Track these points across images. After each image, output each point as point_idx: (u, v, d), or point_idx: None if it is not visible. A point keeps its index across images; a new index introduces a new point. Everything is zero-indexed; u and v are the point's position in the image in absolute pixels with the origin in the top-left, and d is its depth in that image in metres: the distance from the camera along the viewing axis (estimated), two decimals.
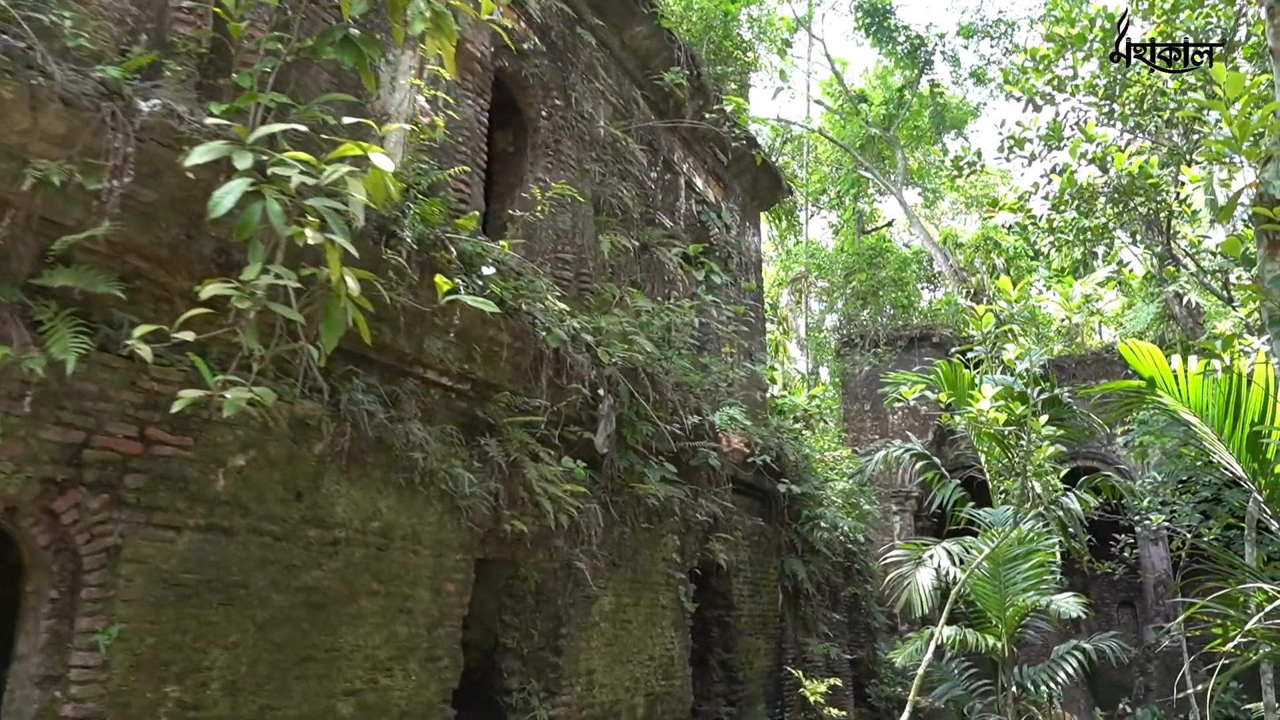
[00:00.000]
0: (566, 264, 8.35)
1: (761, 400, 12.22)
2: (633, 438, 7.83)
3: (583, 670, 7.41)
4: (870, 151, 20.90)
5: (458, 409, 6.55)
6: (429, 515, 5.93)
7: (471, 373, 6.50)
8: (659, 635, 8.60)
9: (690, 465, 9.06)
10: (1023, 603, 7.41)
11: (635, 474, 8.03)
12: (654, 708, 8.38)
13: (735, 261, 12.10)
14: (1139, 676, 18.93)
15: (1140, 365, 5.94)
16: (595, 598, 7.66)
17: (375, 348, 5.71)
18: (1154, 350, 5.83)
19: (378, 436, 5.57)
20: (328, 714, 5.05)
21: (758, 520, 11.43)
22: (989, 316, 5.65)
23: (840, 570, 14.43)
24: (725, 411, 7.98)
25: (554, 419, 7.33)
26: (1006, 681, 7.90)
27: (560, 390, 7.17)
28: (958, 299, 17.48)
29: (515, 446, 6.63)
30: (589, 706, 7.43)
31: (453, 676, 6.03)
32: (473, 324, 6.33)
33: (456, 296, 5.24)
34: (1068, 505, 9.90)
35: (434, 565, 5.94)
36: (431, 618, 5.87)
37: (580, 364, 7.30)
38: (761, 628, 11.19)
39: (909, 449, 10.98)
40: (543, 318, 6.91)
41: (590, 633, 7.57)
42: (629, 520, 8.04)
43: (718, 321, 10.11)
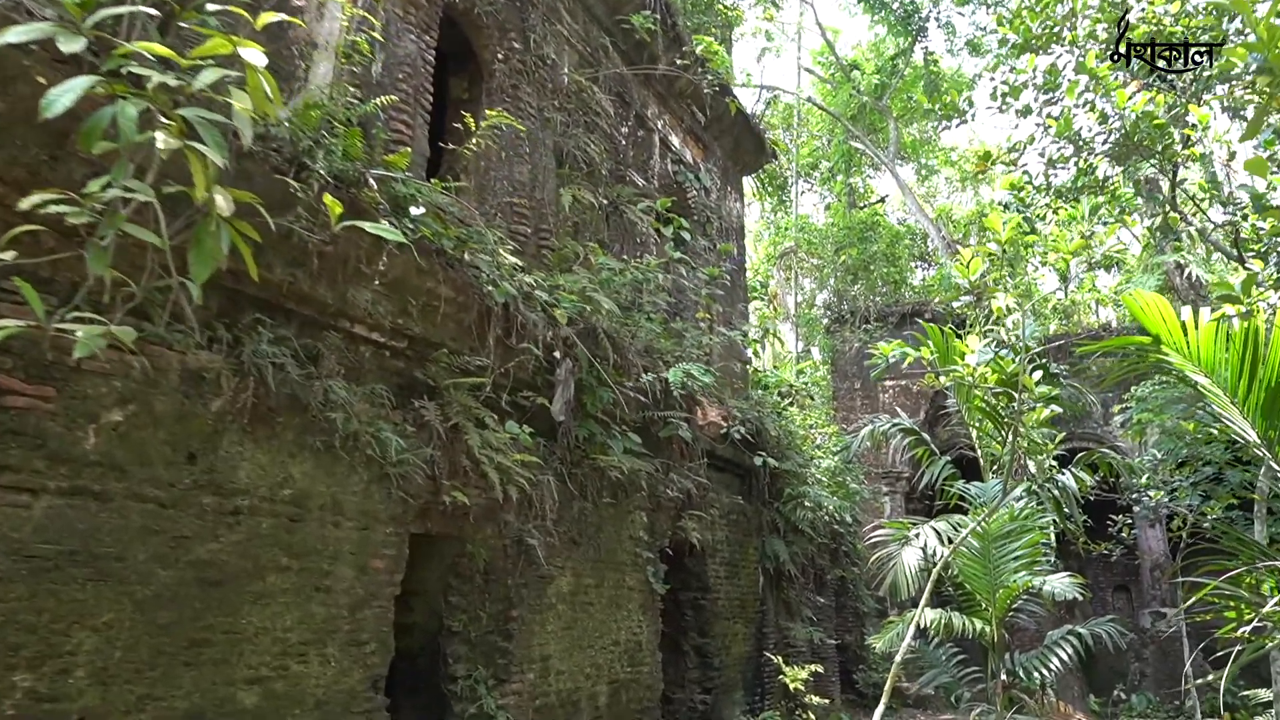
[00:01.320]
0: (523, 218, 7.72)
1: (742, 372, 11.62)
2: (593, 405, 7.22)
3: (536, 656, 6.83)
4: (862, 123, 20.23)
5: (393, 369, 5.95)
6: (352, 483, 5.33)
7: (407, 329, 5.88)
8: (625, 619, 8.03)
9: (659, 437, 8.47)
10: (1014, 584, 6.84)
11: (597, 445, 7.44)
12: (619, 696, 7.81)
13: (715, 227, 11.48)
14: (1134, 662, 18.46)
15: (1146, 318, 5.34)
16: (551, 578, 7.07)
17: (291, 296, 5.11)
18: (1161, 302, 5.23)
19: (290, 394, 4.96)
20: (226, 704, 4.45)
21: (736, 498, 10.85)
22: (976, 262, 5.06)
23: (826, 552, 13.88)
24: (682, 368, 7.37)
25: (505, 384, 6.73)
26: (996, 668, 7.33)
27: (510, 351, 6.57)
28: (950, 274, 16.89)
29: (456, 411, 6.02)
30: (543, 695, 6.86)
31: (381, 662, 5.44)
32: (407, 274, 5.72)
33: (354, 223, 4.59)
34: (1063, 483, 9.35)
35: (359, 539, 5.34)
36: (355, 597, 5.27)
37: (533, 323, 6.70)
38: (740, 611, 10.62)
39: (897, 424, 10.41)
40: (489, 270, 6.29)
41: (545, 615, 6.99)
42: (590, 495, 7.45)
43: (692, 287, 9.48)
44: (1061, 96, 8.31)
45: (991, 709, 7.40)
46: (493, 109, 7.83)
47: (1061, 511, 9.49)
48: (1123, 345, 5.39)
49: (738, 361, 11.52)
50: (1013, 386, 4.91)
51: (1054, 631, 8.76)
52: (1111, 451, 10.54)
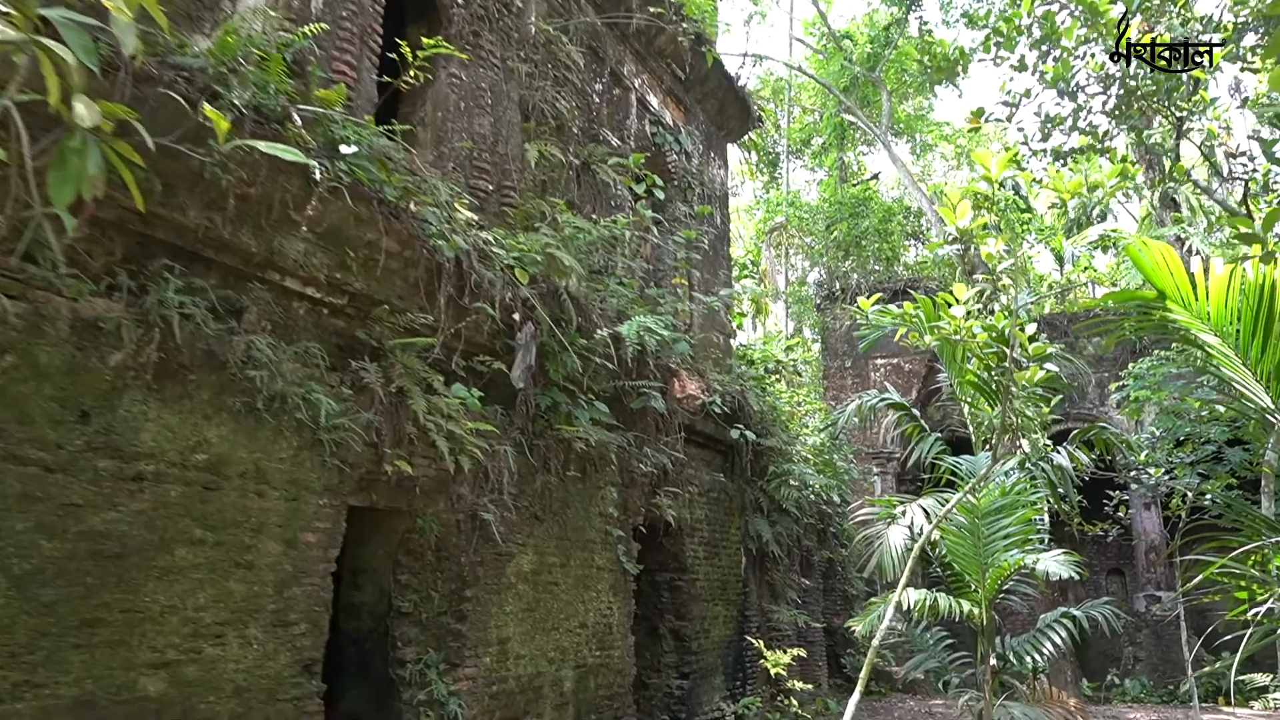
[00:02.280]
0: (484, 173, 7.22)
1: (724, 344, 11.15)
2: (556, 372, 6.75)
3: (493, 639, 6.38)
4: (854, 95, 19.67)
5: (332, 328, 5.47)
6: (279, 450, 4.85)
7: (347, 284, 5.40)
8: (594, 600, 7.59)
9: (631, 409, 8.01)
10: (1005, 563, 6.39)
11: (561, 415, 6.97)
12: (586, 681, 7.38)
13: (697, 194, 10.98)
14: (1128, 646, 18.11)
15: (1150, 271, 4.86)
16: (510, 556, 6.62)
17: (210, 243, 4.63)
18: (1168, 252, 4.76)
19: (206, 350, 4.49)
20: (124, 691, 3.99)
21: (717, 475, 10.39)
22: (965, 206, 4.58)
23: (813, 533, 13.46)
24: (639, 322, 6.88)
25: (459, 347, 6.26)
26: (985, 652, 6.90)
27: (463, 312, 6.09)
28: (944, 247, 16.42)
29: (400, 373, 5.55)
30: (501, 680, 6.41)
31: (313, 645, 4.99)
32: (343, 223, 5.23)
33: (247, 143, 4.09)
34: (1057, 461, 8.90)
35: (287, 510, 4.87)
36: (283, 574, 4.81)
37: (489, 282, 6.22)
38: (720, 593, 10.19)
39: (885, 399, 9.94)
40: (438, 223, 5.80)
41: (504, 596, 6.54)
42: (554, 468, 6.99)
43: (670, 252, 8.99)
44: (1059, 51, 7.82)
45: (980, 695, 6.97)
46: (451, 57, 7.32)
47: (1056, 492, 9.06)
48: (1126, 300, 4.92)
49: (719, 333, 11.05)
50: (1004, 343, 4.45)
51: (1047, 614, 8.32)
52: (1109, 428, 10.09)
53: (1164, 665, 17.93)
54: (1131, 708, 15.73)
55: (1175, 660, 17.76)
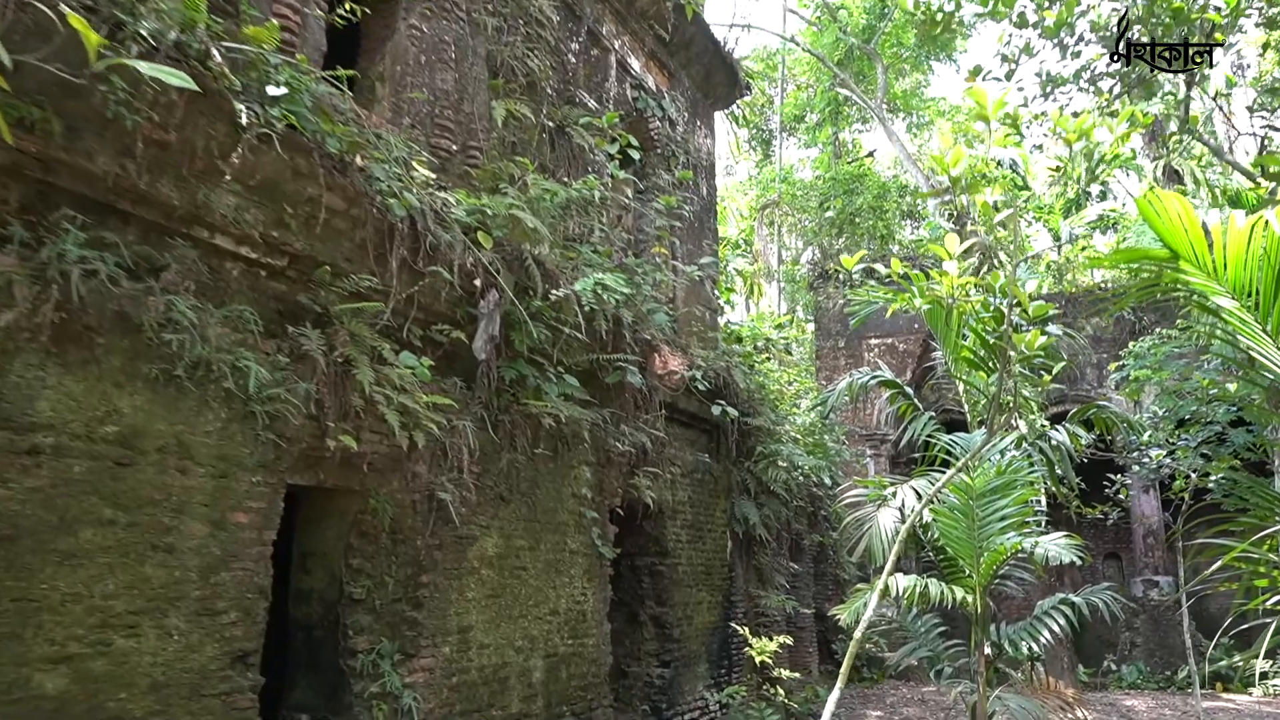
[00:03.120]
0: (447, 131, 6.76)
1: (710, 319, 10.71)
2: (522, 343, 6.32)
3: (453, 627, 5.97)
4: (849, 69, 19.15)
5: (271, 291, 5.02)
6: (204, 422, 4.42)
7: (286, 244, 4.95)
8: (566, 585, 7.18)
9: (608, 385, 7.58)
10: (1001, 547, 5.99)
11: (529, 389, 6.54)
12: (557, 671, 6.98)
13: (681, 162, 10.52)
14: (1125, 632, 17.78)
15: (1162, 227, 4.43)
16: (472, 538, 6.20)
17: (125, 194, 4.18)
18: (1183, 205, 4.32)
19: (118, 311, 4.05)
20: (16, 689, 3.57)
21: (702, 456, 9.98)
22: (958, 152, 4.13)
23: (804, 516, 13.07)
24: (596, 278, 6.43)
25: (416, 315, 5.83)
26: (980, 640, 6.51)
27: (418, 277, 5.65)
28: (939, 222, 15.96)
29: (345, 341, 5.11)
30: (462, 671, 6.01)
31: (246, 635, 4.57)
32: (279, 175, 4.78)
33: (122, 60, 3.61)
34: (1056, 440, 8.50)
35: (214, 488, 4.44)
36: (209, 558, 4.39)
37: (447, 244, 5.77)
38: (704, 578, 9.79)
39: (876, 376, 9.53)
40: (388, 180, 5.35)
41: (465, 581, 6.12)
42: (521, 445, 6.57)
43: (651, 220, 8.52)
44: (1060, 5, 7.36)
45: (973, 686, 6.58)
46: (412, 8, 6.85)
47: (1054, 474, 8.68)
48: (1134, 260, 4.48)
49: (705, 308, 10.61)
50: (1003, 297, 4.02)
51: (1044, 600, 7.93)
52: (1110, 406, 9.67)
53: (1161, 651, 17.61)
54: (1128, 694, 15.41)
55: (1172, 646, 17.45)
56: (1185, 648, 15.81)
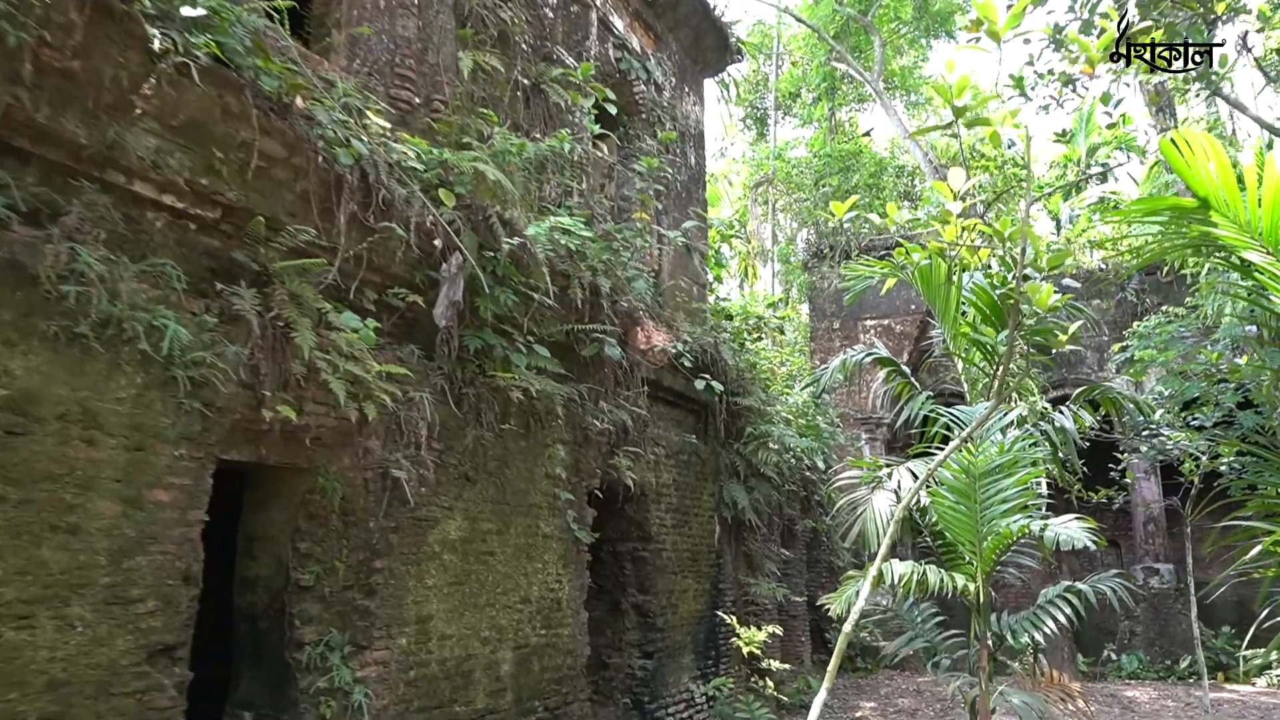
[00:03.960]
0: (408, 83, 6.25)
1: (698, 294, 10.22)
2: (487, 310, 5.83)
3: (411, 617, 5.50)
4: (846, 43, 18.60)
5: (203, 246, 4.53)
6: (116, 387, 3.93)
7: (218, 193, 4.46)
8: (539, 572, 6.71)
9: (585, 358, 7.10)
10: (1005, 530, 5.52)
11: (496, 361, 6.06)
12: (529, 664, 6.52)
13: (668, 129, 10.00)
14: (1124, 620, 17.39)
15: (1189, 172, 3.95)
16: (433, 521, 5.73)
17: (21, 130, 3.69)
18: (1212, 146, 3.85)
19: (8, 259, 3.57)
20: None
21: (688, 437, 9.51)
22: (964, 81, 3.65)
23: (796, 500, 12.62)
24: (553, 222, 5.91)
25: (370, 278, 5.35)
26: (982, 632, 6.06)
27: (370, 234, 5.17)
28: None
29: (284, 302, 4.62)
30: (421, 665, 5.54)
31: (167, 626, 4.09)
32: (207, 115, 4.29)
33: None
34: (1060, 422, 8.05)
35: (128, 462, 3.96)
36: (121, 540, 3.91)
37: (405, 201, 5.29)
38: (691, 565, 9.34)
39: (871, 354, 9.05)
40: (333, 126, 4.86)
41: (425, 567, 5.65)
42: (488, 421, 6.09)
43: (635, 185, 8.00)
44: None
45: (973, 680, 6.14)
46: None
47: (1057, 455, 8.24)
48: (1158, 210, 4.01)
49: (692, 281, 10.12)
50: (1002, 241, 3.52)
51: (1048, 589, 7.48)
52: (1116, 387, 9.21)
53: (1161, 640, 17.24)
54: (1129, 685, 15.02)
55: (1173, 635, 17.06)
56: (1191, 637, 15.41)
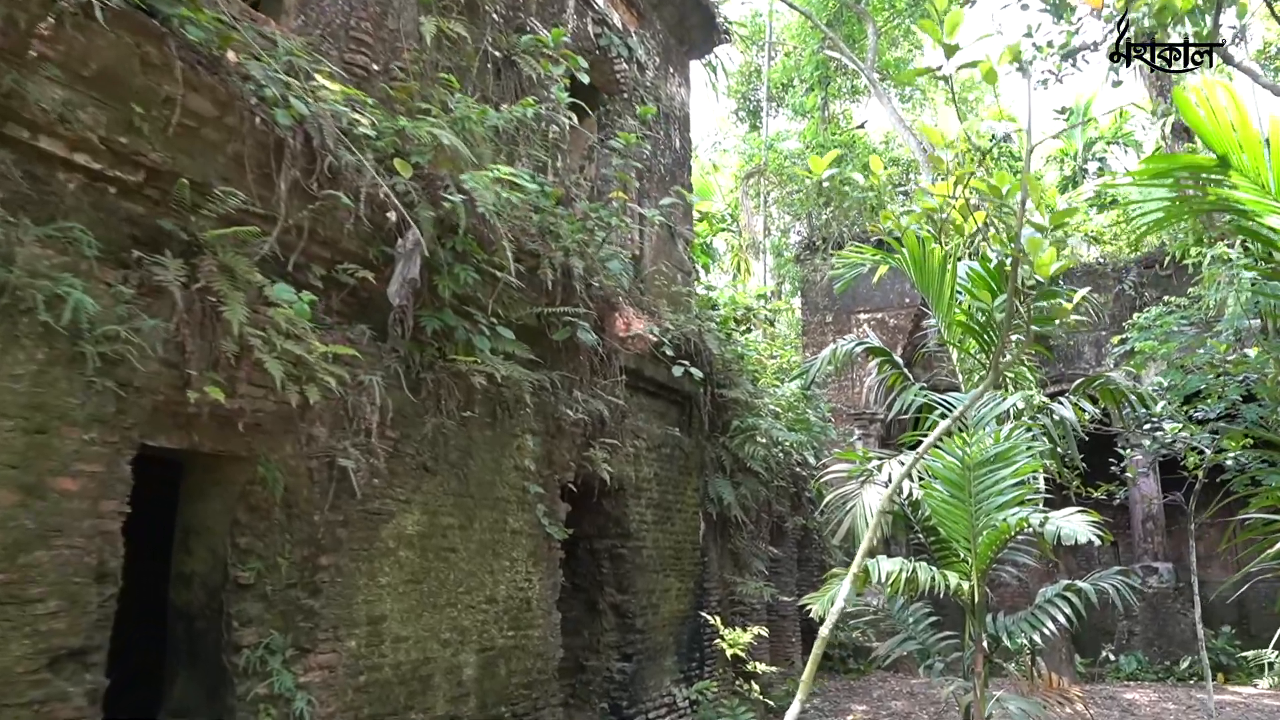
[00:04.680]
0: (365, 48, 5.85)
1: (683, 281, 9.82)
2: (447, 288, 5.44)
3: (361, 618, 5.11)
4: (839, 31, 18.19)
5: (124, 212, 4.14)
6: (11, 362, 3.53)
7: (140, 153, 4.06)
8: (506, 570, 6.32)
9: (557, 344, 6.71)
10: (1002, 524, 5.13)
11: (458, 344, 5.66)
12: (494, 667, 6.12)
13: (651, 111, 9.60)
14: (1123, 620, 17.03)
15: (1207, 128, 3.57)
16: (387, 515, 5.33)
17: None
18: (1234, 98, 3.47)
19: None
20: None
21: (671, 429, 9.12)
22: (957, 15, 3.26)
23: (786, 497, 12.23)
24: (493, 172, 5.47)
25: (316, 253, 4.96)
26: (977, 634, 5.68)
27: (314, 203, 4.77)
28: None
29: (213, 274, 4.22)
30: (373, 669, 5.14)
31: (73, 629, 3.69)
32: (124, 67, 3.89)
33: None
34: (1059, 414, 7.68)
35: (26, 446, 3.56)
36: (18, 533, 3.51)
37: (356, 169, 4.89)
38: (673, 563, 8.95)
39: (863, 343, 8.68)
40: (270, 84, 4.46)
41: (378, 564, 5.25)
42: (449, 408, 5.69)
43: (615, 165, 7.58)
44: None
45: (968, 685, 5.75)
46: None
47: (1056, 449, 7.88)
48: (1171, 171, 3.63)
49: (676, 267, 9.72)
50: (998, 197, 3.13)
51: (1046, 588, 7.10)
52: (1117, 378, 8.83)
53: (1160, 640, 16.90)
54: (1127, 686, 14.66)
55: (1172, 635, 16.72)
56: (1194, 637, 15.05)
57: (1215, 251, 10.05)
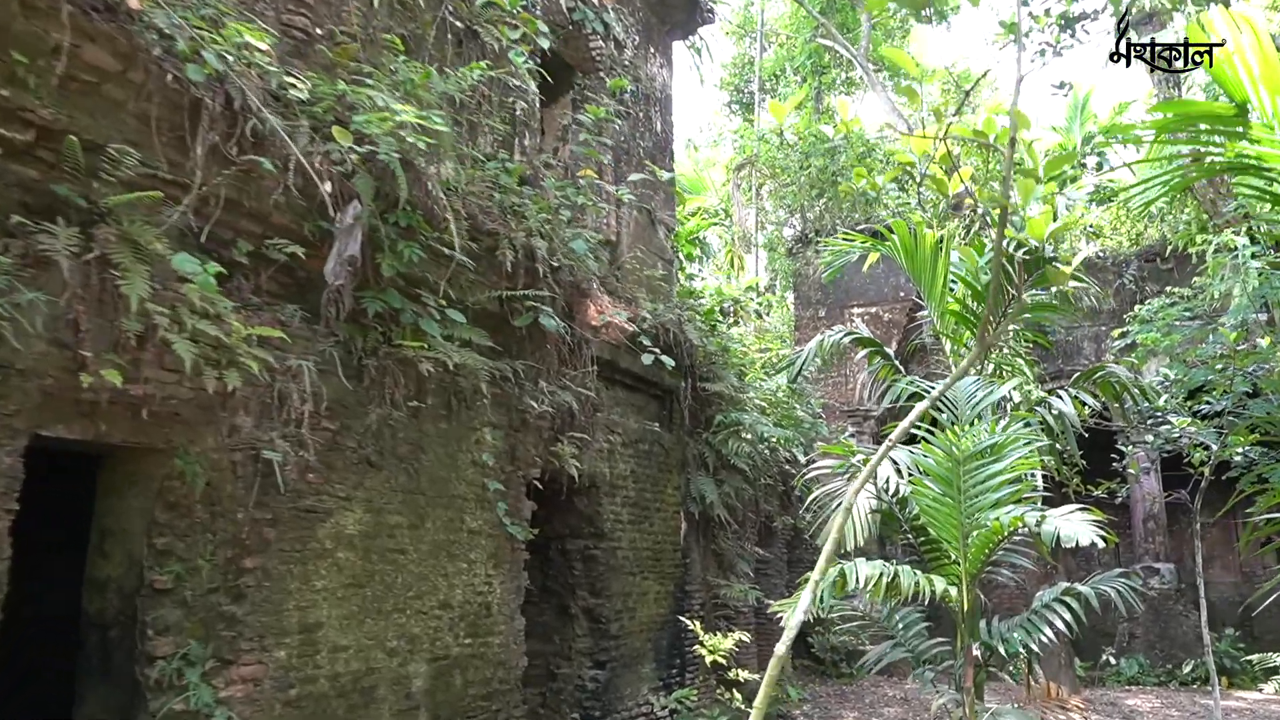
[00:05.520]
0: (304, 9, 5.39)
1: (663, 270, 9.38)
2: (391, 267, 5.00)
3: (293, 625, 4.66)
4: (832, 19, 17.76)
5: (13, 175, 3.71)
6: None
7: (27, 109, 3.63)
8: (463, 573, 5.88)
9: (520, 332, 6.28)
10: (995, 523, 4.69)
11: (405, 328, 5.23)
12: (449, 677, 5.68)
13: (632, 92, 9.18)
14: (1123, 622, 16.58)
15: (1223, 72, 3.14)
16: (324, 513, 4.89)
17: None
18: (1256, 34, 3.04)
19: None
20: None
21: (650, 425, 8.68)
22: None
23: (775, 496, 11.79)
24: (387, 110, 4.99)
25: (242, 226, 4.52)
26: (968, 644, 5.24)
27: (245, 176, 4.34)
28: None
29: (111, 245, 3.79)
30: (306, 681, 4.70)
31: None
32: (3, 11, 3.45)
33: None
34: (1058, 408, 7.26)
35: None
36: None
37: (288, 135, 4.46)
38: (652, 565, 8.51)
39: (851, 334, 8.25)
40: (182, 36, 4.02)
41: (314, 567, 4.81)
42: (395, 398, 5.25)
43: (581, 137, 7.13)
44: None
45: (959, 698, 5.31)
46: None
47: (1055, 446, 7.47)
48: (1187, 120, 3.19)
49: (656, 255, 9.27)
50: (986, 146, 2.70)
51: (1044, 591, 6.65)
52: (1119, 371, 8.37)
53: (1162, 643, 16.45)
54: (1129, 691, 14.22)
55: (1174, 638, 16.28)
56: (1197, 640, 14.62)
57: (1221, 239, 9.61)
